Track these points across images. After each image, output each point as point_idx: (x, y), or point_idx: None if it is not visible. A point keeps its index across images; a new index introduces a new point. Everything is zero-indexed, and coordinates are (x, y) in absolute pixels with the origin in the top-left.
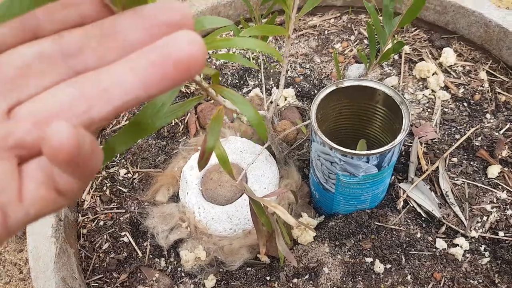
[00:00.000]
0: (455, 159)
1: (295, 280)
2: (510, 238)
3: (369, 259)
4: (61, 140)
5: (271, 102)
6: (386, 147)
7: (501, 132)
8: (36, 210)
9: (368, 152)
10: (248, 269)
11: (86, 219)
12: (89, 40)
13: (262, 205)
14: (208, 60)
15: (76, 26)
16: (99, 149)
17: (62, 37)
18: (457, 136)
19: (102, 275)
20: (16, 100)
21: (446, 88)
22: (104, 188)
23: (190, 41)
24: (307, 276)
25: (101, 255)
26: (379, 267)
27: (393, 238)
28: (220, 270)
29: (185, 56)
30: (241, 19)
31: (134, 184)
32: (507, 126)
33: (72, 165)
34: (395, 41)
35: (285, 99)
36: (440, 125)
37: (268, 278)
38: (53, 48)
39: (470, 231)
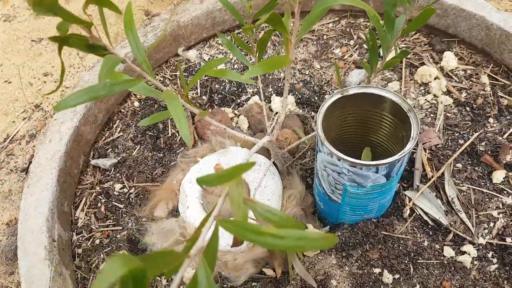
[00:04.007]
0: (459, 165)
1: None
2: None
3: (377, 270)
4: None
5: (271, 110)
6: (395, 157)
7: (505, 136)
8: None
9: (378, 162)
10: (253, 284)
11: (81, 238)
12: None
13: None
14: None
15: None
16: None
17: None
18: (461, 141)
19: None
20: None
21: (448, 92)
22: (99, 204)
23: None
24: None
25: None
26: (387, 277)
27: (400, 247)
28: (224, 286)
29: None
30: (233, 35)
31: (130, 199)
32: (511, 130)
33: None
34: (398, 47)
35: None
36: (444, 131)
37: None
38: None
39: (478, 238)
